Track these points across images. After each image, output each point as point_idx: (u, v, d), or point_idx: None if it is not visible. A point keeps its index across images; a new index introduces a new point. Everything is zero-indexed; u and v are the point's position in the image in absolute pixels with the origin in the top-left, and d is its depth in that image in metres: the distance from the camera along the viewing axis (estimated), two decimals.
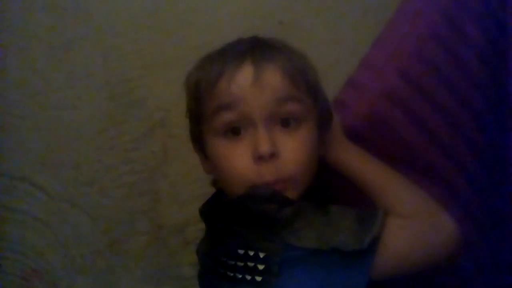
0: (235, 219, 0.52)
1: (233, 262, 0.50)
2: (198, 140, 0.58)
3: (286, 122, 0.53)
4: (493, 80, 0.62)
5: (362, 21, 0.82)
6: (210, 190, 0.61)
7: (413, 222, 0.52)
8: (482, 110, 0.63)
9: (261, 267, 0.48)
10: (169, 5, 0.81)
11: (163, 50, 0.81)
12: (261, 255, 0.49)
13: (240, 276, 0.49)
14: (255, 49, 0.54)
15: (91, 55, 0.81)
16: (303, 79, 0.54)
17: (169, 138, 0.83)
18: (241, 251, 0.50)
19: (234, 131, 0.53)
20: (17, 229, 0.82)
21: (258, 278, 0.48)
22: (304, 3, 0.82)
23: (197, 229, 0.82)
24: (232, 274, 0.50)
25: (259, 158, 0.51)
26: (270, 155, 0.50)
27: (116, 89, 0.81)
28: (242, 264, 0.49)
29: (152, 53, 0.81)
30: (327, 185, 0.60)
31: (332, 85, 0.63)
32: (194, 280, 0.70)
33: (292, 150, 0.52)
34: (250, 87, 0.51)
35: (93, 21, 0.80)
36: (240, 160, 0.52)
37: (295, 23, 0.82)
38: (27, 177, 0.81)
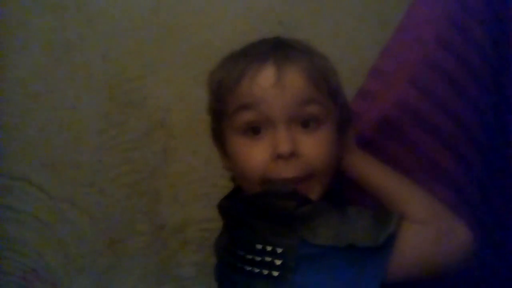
0: (253, 214, 0.53)
1: (250, 257, 0.51)
2: (219, 137, 0.59)
3: (306, 123, 0.53)
4: (496, 82, 0.62)
5: (362, 21, 0.82)
6: (210, 190, 0.61)
7: (426, 228, 0.52)
8: (489, 112, 0.63)
9: (278, 262, 0.49)
10: (169, 5, 0.81)
11: (163, 50, 0.81)
12: (279, 250, 0.49)
13: (257, 270, 0.50)
14: (278, 50, 0.54)
15: (91, 55, 0.81)
16: (325, 82, 0.54)
17: (169, 138, 0.83)
18: (259, 246, 0.50)
19: (254, 130, 0.53)
20: (17, 229, 0.82)
21: (275, 273, 0.49)
22: (304, 3, 0.82)
23: (197, 229, 0.82)
24: (249, 269, 0.51)
25: (278, 157, 0.51)
26: (290, 154, 0.51)
27: (116, 89, 0.81)
28: (259, 258, 0.50)
29: (152, 53, 0.81)
30: (344, 189, 0.60)
31: None
32: (194, 280, 0.70)
33: (312, 148, 0.53)
34: (272, 88, 0.52)
35: (93, 21, 0.80)
36: (258, 157, 0.53)
37: (295, 23, 0.82)
38: (27, 177, 0.81)
